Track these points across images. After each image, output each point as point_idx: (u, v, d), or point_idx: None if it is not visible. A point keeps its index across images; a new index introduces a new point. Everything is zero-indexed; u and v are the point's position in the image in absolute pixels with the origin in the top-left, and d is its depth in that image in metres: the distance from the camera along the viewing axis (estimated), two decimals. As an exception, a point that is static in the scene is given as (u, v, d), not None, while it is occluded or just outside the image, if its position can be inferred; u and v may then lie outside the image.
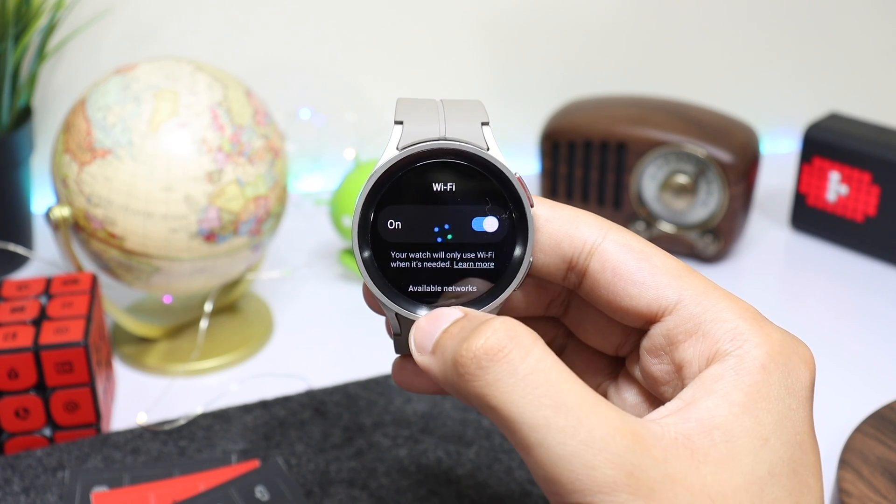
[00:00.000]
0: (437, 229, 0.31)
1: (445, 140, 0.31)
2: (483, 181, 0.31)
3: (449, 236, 0.31)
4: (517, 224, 0.31)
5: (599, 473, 0.26)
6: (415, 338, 0.30)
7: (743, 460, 0.27)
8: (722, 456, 0.27)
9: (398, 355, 0.35)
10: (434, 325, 0.30)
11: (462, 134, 0.31)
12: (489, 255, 0.32)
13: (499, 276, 0.32)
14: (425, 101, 0.33)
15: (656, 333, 0.31)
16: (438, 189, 0.31)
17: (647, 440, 0.27)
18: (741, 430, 0.28)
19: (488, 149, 0.31)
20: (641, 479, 0.26)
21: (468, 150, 0.31)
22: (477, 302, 0.32)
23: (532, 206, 0.31)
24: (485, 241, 0.32)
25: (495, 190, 0.31)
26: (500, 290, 0.32)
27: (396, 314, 0.32)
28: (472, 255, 0.32)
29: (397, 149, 0.31)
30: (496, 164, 0.31)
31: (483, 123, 0.32)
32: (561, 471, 0.26)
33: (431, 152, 0.31)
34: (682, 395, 0.29)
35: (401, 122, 0.31)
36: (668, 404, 0.29)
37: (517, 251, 0.32)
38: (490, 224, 0.31)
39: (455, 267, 0.32)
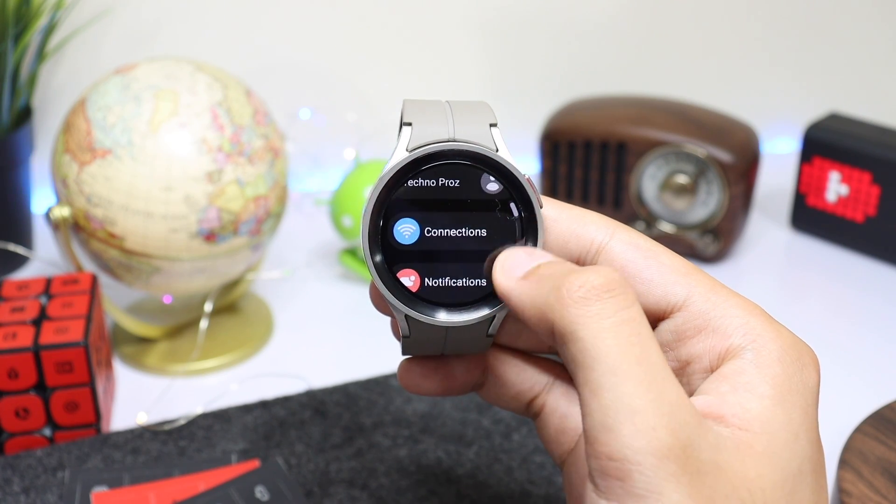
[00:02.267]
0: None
1: (454, 141, 0.31)
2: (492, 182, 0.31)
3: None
4: (526, 225, 0.31)
5: (657, 436, 0.25)
6: (504, 262, 0.30)
7: (781, 455, 0.27)
8: (764, 448, 0.27)
9: (404, 357, 0.35)
10: (531, 257, 0.30)
11: (471, 135, 0.31)
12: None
13: None
14: (432, 103, 0.33)
15: (664, 330, 0.31)
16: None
17: (705, 423, 0.27)
18: (777, 423, 0.28)
19: (497, 150, 0.31)
20: (692, 457, 0.26)
21: (478, 151, 0.31)
22: (487, 302, 0.32)
23: (541, 206, 0.31)
24: (493, 242, 0.32)
25: (505, 191, 0.31)
26: None
27: (405, 316, 0.32)
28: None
29: (406, 150, 0.31)
30: (506, 166, 0.31)
31: (491, 125, 0.32)
32: (623, 422, 0.25)
33: (441, 154, 0.31)
34: (704, 388, 0.29)
35: (409, 124, 0.31)
36: (697, 399, 0.29)
37: None
38: (498, 225, 0.31)
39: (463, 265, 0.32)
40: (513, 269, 0.30)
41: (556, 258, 0.30)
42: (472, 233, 0.31)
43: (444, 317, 0.31)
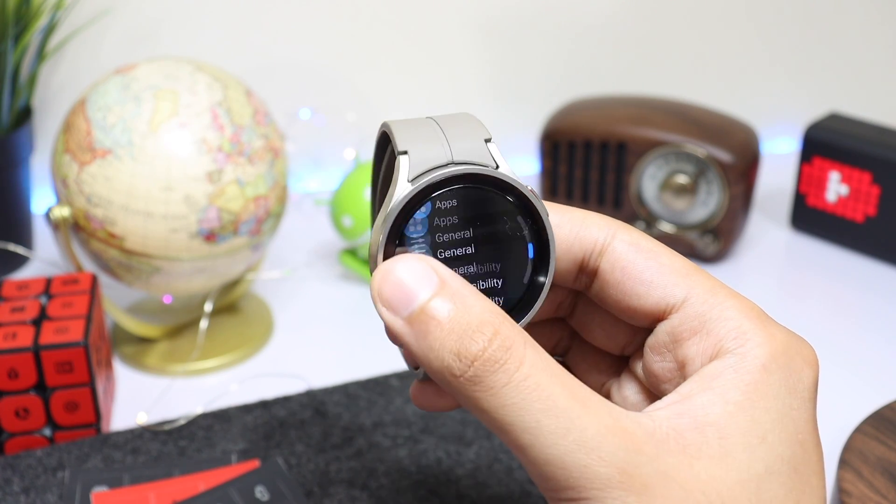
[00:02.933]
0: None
1: (454, 164, 0.30)
2: (497, 199, 0.31)
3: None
4: (535, 236, 0.31)
5: (592, 472, 0.26)
6: (381, 292, 0.29)
7: (737, 458, 0.27)
8: (715, 453, 0.27)
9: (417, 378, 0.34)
10: (412, 286, 0.28)
11: (469, 155, 0.30)
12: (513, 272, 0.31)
13: (524, 292, 0.32)
14: (419, 122, 0.32)
15: (661, 331, 0.31)
16: None
17: (638, 437, 0.27)
18: (735, 428, 0.28)
19: (497, 166, 0.31)
20: (634, 476, 0.26)
21: (480, 172, 0.30)
22: None
23: (548, 216, 0.31)
24: (506, 259, 0.31)
25: (511, 207, 0.31)
26: (527, 306, 0.31)
27: None
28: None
29: (408, 181, 0.30)
30: (509, 182, 0.31)
31: (486, 140, 0.31)
32: (554, 470, 0.26)
33: (445, 181, 0.30)
34: (679, 389, 0.29)
35: (405, 152, 0.30)
36: (665, 398, 0.29)
37: (540, 264, 0.31)
38: (510, 242, 0.31)
39: (480, 288, 0.31)
40: (395, 306, 0.28)
41: (433, 288, 0.28)
42: (483, 253, 0.31)
43: None
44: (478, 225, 0.31)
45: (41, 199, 0.75)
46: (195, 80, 0.55)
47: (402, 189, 0.30)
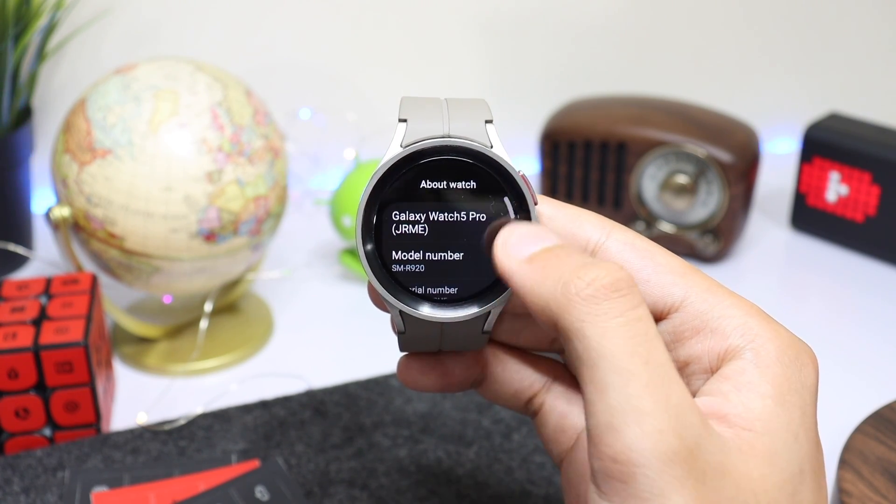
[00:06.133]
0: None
1: (449, 137, 0.31)
2: (487, 179, 0.31)
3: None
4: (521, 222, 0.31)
5: (664, 440, 0.25)
6: (507, 239, 0.29)
7: (782, 455, 0.27)
8: (765, 449, 0.27)
9: (403, 353, 0.35)
10: (537, 238, 0.29)
11: (466, 132, 0.31)
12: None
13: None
14: (430, 100, 0.33)
15: (662, 331, 0.31)
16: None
17: (709, 425, 0.27)
18: (778, 423, 0.28)
19: (492, 146, 0.31)
20: (699, 460, 0.25)
21: (472, 147, 0.31)
22: (481, 298, 0.32)
23: (536, 203, 0.31)
24: (489, 238, 0.32)
25: (499, 187, 0.31)
26: (503, 287, 0.32)
27: (400, 311, 0.32)
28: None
29: (401, 146, 0.31)
30: (500, 162, 0.31)
31: (487, 121, 0.32)
32: (629, 424, 0.25)
33: (435, 149, 0.31)
34: (706, 389, 0.29)
35: (405, 120, 0.31)
36: (698, 401, 0.29)
37: None
38: (494, 221, 0.32)
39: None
40: (517, 248, 0.29)
41: (561, 242, 0.29)
42: (464, 227, 0.31)
43: (438, 312, 0.31)
44: (463, 199, 0.31)
45: (41, 199, 0.75)
46: (195, 80, 0.55)
47: (392, 151, 0.31)
